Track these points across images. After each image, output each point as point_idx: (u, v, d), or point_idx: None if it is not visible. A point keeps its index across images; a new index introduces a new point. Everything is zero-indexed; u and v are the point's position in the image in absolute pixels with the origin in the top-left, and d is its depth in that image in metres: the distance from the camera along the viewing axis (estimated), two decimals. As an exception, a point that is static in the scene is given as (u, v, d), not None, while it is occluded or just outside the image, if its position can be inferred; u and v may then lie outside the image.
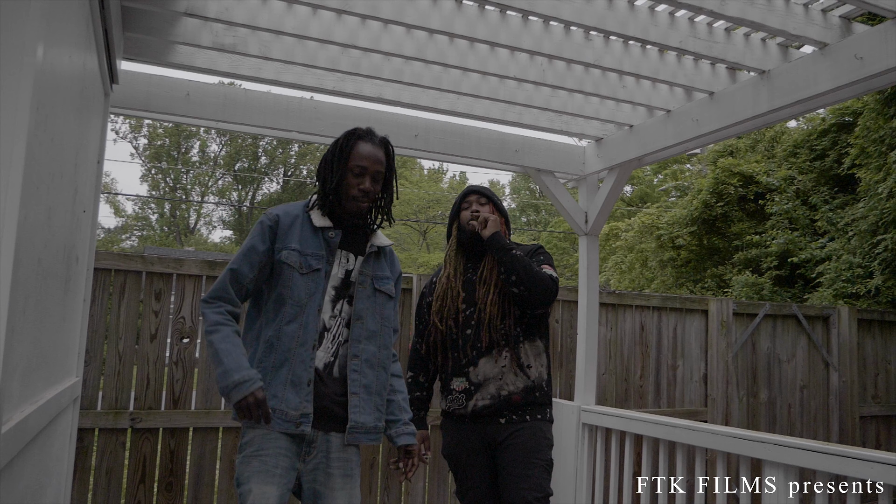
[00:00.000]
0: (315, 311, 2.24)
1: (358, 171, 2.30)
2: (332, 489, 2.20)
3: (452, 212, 2.97)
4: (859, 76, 2.75)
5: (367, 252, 2.38)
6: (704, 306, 5.70)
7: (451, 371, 2.78)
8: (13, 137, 1.22)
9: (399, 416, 2.44)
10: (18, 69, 1.24)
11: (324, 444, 2.22)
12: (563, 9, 2.77)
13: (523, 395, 2.71)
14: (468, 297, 2.79)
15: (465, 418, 2.76)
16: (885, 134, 9.24)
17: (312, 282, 2.25)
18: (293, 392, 2.17)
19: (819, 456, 2.78)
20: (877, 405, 6.40)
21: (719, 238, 13.06)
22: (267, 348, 2.20)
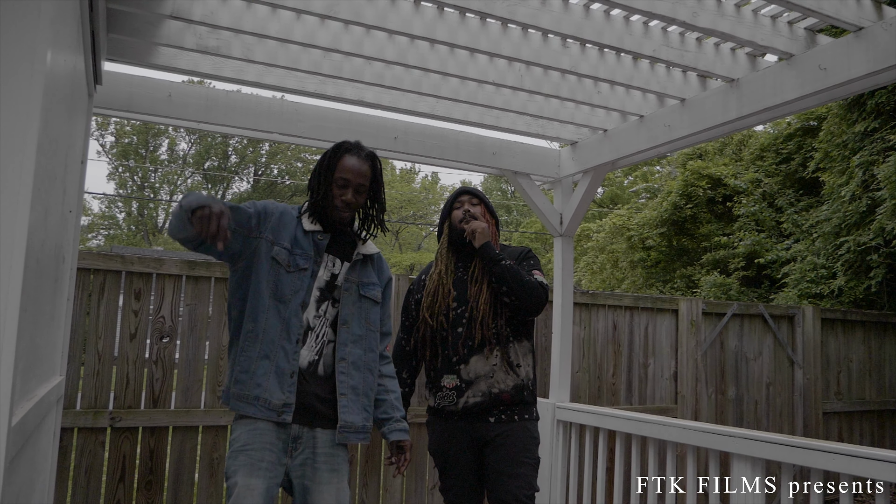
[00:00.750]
0: (298, 307, 2.31)
1: (342, 184, 2.40)
2: (320, 483, 2.27)
3: (444, 211, 3.04)
4: (823, 86, 2.89)
5: (354, 259, 2.46)
6: (675, 306, 5.85)
7: (442, 368, 2.81)
8: (25, 141, 1.27)
9: (392, 414, 2.53)
10: (30, 75, 1.29)
11: (310, 441, 2.29)
12: (541, 17, 2.86)
13: (513, 394, 2.77)
14: (459, 295, 2.84)
15: (455, 415, 2.80)
16: (848, 139, 9.51)
17: (298, 280, 2.32)
18: (276, 383, 2.24)
19: (784, 448, 2.90)
20: (839, 402, 6.61)
21: (688, 239, 13.31)
22: (251, 339, 2.27)
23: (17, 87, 1.26)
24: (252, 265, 2.32)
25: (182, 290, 4.13)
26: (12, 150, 1.25)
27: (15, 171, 1.25)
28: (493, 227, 2.96)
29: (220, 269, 4.23)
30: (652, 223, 13.73)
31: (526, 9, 2.83)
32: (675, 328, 5.84)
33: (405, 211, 39.35)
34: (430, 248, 39.22)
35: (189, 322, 4.15)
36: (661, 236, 13.48)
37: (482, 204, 2.99)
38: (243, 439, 2.22)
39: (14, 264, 1.25)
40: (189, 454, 4.06)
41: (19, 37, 1.27)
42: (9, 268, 1.25)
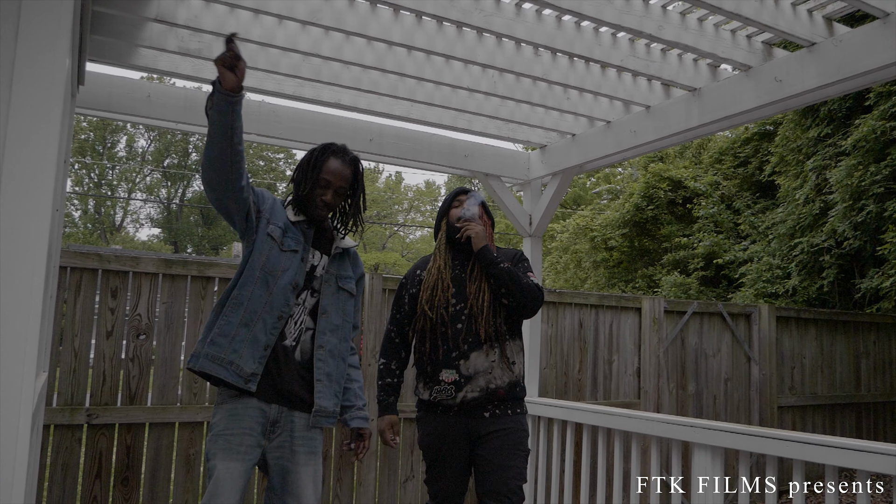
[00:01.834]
0: (286, 285, 2.41)
1: (324, 184, 2.51)
2: (298, 465, 2.40)
3: (442, 208, 3.11)
4: (778, 97, 3.08)
5: (333, 253, 2.58)
6: (638, 304, 6.05)
7: (440, 362, 2.86)
8: (48, 145, 1.36)
9: (354, 402, 2.67)
10: (51, 84, 1.37)
11: (288, 424, 2.41)
12: (516, 28, 3.00)
13: (507, 390, 2.86)
14: (458, 291, 2.91)
15: (452, 409, 2.86)
16: (803, 144, 9.88)
17: (288, 259, 2.44)
18: (250, 352, 2.34)
19: (742, 437, 3.08)
20: (793, 396, 6.89)
21: (649, 240, 13.63)
22: (234, 305, 2.36)
23: (43, 95, 1.35)
24: (254, 243, 2.43)
25: (158, 289, 4.18)
26: (41, 156, 1.33)
27: (43, 175, 1.33)
28: (489, 229, 3.04)
29: (196, 267, 4.29)
30: (614, 224, 14.02)
31: (502, 19, 2.96)
32: (638, 326, 6.04)
33: (369, 210, 39.30)
34: (393, 247, 39.26)
35: (165, 320, 4.20)
36: (624, 237, 13.77)
37: (480, 204, 3.07)
38: (223, 424, 2.33)
39: (36, 269, 1.33)
40: (165, 450, 4.11)
41: (45, 48, 1.35)
42: (31, 272, 1.33)
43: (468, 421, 2.85)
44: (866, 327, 7.65)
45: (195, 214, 44.22)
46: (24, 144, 1.33)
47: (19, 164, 1.32)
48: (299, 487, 2.39)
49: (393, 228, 42.84)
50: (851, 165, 8.51)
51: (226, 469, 2.27)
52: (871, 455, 2.58)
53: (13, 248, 1.31)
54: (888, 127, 8.11)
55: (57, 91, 1.38)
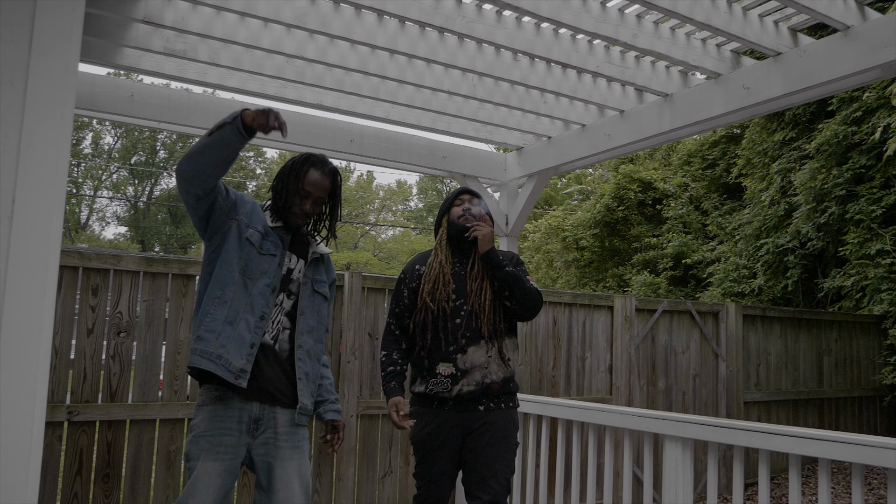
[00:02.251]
0: (265, 288, 2.49)
1: (304, 194, 2.59)
2: (283, 460, 2.47)
3: (444, 206, 3.16)
4: (746, 103, 3.22)
5: (310, 258, 2.67)
6: (610, 303, 6.19)
7: (438, 356, 2.94)
8: (60, 147, 1.42)
9: (327, 397, 2.77)
10: (64, 89, 1.44)
11: (271, 421, 2.48)
12: (497, 34, 3.10)
13: (501, 385, 2.95)
14: (458, 287, 2.98)
15: (447, 403, 2.94)
16: (769, 147, 10.15)
17: (267, 262, 2.52)
18: (237, 349, 2.41)
19: (711, 429, 3.22)
20: (758, 392, 7.10)
21: (620, 240, 13.85)
22: (217, 304, 2.43)
23: (57, 101, 1.41)
24: (223, 244, 2.48)
25: (140, 287, 4.20)
26: (55, 160, 1.40)
27: (55, 173, 1.40)
28: None
29: (177, 265, 4.32)
30: (585, 224, 14.21)
31: (483, 26, 3.06)
32: (610, 324, 6.19)
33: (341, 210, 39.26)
34: (365, 247, 39.21)
35: (146, 318, 4.23)
36: (595, 237, 13.97)
37: (481, 205, 3.12)
38: (204, 426, 2.40)
39: (50, 274, 1.40)
40: (146, 447, 4.13)
41: (58, 58, 1.42)
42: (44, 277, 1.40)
43: (462, 414, 2.92)
44: (828, 325, 7.90)
45: (163, 213, 43.71)
46: (38, 141, 1.40)
47: (35, 160, 1.39)
48: (285, 482, 2.45)
49: (365, 228, 42.79)
50: (815, 168, 8.78)
51: (204, 469, 2.33)
52: (831, 444, 2.73)
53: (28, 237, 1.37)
54: (850, 132, 8.38)
55: (70, 89, 1.45)
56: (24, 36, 1.41)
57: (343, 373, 4.77)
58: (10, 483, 1.35)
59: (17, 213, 1.37)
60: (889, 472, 2.65)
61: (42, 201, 1.40)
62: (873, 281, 7.89)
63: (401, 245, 36.40)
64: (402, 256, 33.88)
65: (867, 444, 2.65)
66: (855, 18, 2.90)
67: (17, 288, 1.36)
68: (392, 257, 35.19)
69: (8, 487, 1.35)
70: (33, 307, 1.38)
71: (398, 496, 4.93)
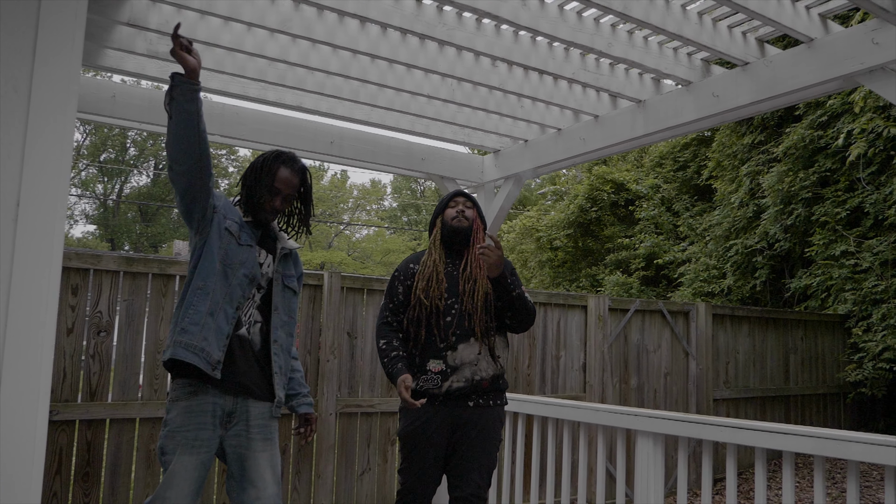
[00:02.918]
0: (243, 278, 2.55)
1: (274, 192, 2.66)
2: (255, 451, 2.54)
3: (438, 208, 3.24)
4: (716, 111, 3.35)
5: (280, 253, 2.73)
6: (584, 302, 6.32)
7: (428, 352, 3.01)
8: (63, 151, 1.48)
9: (300, 390, 2.86)
10: (66, 95, 1.49)
11: (244, 414, 2.54)
12: (476, 41, 3.19)
13: (491, 382, 3.03)
14: (450, 286, 3.06)
15: (437, 399, 3.00)
16: (738, 150, 10.37)
17: (245, 253, 2.58)
18: (216, 340, 2.47)
19: (681, 424, 3.34)
20: (727, 389, 7.28)
21: (593, 240, 14.04)
22: (200, 295, 2.48)
23: (61, 107, 1.47)
24: (207, 238, 2.54)
25: (119, 286, 4.22)
26: (57, 164, 1.45)
27: (58, 181, 1.46)
28: (481, 232, 3.18)
29: (157, 265, 4.34)
30: (559, 225, 14.38)
31: (463, 33, 3.15)
32: (584, 323, 6.32)
33: (315, 209, 39.00)
34: (340, 246, 39.09)
35: (126, 317, 4.25)
36: (568, 237, 14.14)
37: (475, 207, 3.21)
38: (179, 420, 2.45)
39: (53, 274, 1.45)
40: (126, 446, 4.16)
41: (62, 65, 1.47)
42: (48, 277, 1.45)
43: (451, 410, 2.99)
44: (795, 324, 8.12)
45: (133, 211, 43.14)
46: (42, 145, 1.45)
47: (39, 164, 1.44)
48: (258, 472, 2.53)
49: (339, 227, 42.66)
50: (782, 171, 9.01)
51: (180, 463, 2.39)
52: (795, 437, 2.86)
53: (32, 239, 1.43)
54: (816, 136, 8.62)
55: (72, 95, 1.50)
56: (27, 44, 1.46)
57: (322, 371, 4.82)
58: (13, 482, 1.40)
59: (22, 216, 1.42)
60: (849, 463, 2.79)
61: (45, 204, 1.45)
62: (837, 281, 8.12)
63: (375, 244, 36.34)
64: (376, 256, 33.86)
65: (828, 437, 2.78)
66: (818, 31, 3.03)
67: (22, 287, 1.41)
68: (366, 257, 35.14)
69: (11, 486, 1.39)
70: (38, 306, 1.43)
71: (376, 493, 5.00)
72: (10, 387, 1.39)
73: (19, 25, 1.45)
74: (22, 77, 1.45)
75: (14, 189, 1.42)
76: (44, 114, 1.46)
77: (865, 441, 2.67)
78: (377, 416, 5.05)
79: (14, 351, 1.40)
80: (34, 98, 1.45)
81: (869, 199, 7.96)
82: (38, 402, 1.42)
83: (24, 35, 1.46)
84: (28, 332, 1.42)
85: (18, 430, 1.41)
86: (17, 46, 1.45)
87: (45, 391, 1.45)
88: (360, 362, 5.03)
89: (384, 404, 5.03)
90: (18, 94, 1.44)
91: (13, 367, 1.40)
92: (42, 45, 1.47)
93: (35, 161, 1.44)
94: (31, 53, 1.46)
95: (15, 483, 1.41)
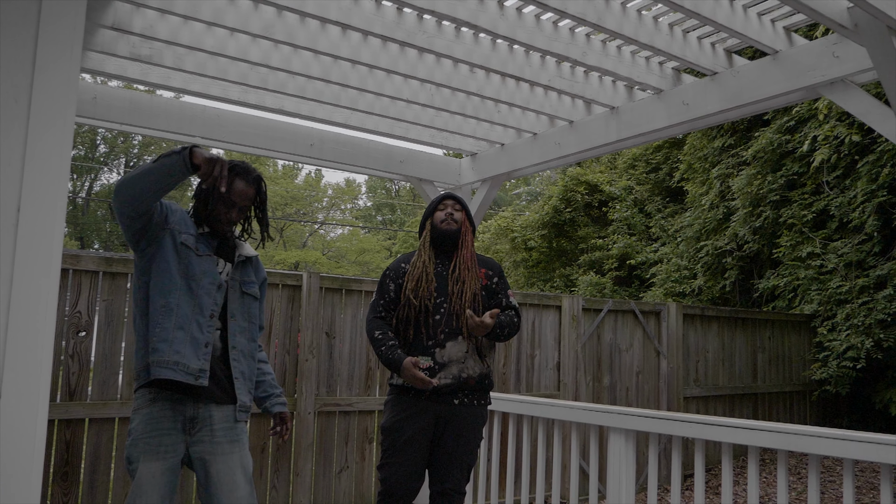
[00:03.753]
0: (209, 286, 2.60)
1: (229, 204, 2.70)
2: (224, 454, 2.57)
3: (428, 210, 3.31)
4: (686, 118, 3.47)
5: (237, 261, 2.79)
6: (558, 302, 6.44)
7: (419, 350, 3.08)
8: (61, 158, 1.54)
9: (271, 391, 2.92)
10: (65, 103, 1.55)
11: (206, 419, 2.58)
12: (455, 48, 3.28)
13: (477, 380, 3.12)
14: (439, 286, 3.14)
15: (424, 394, 3.07)
16: (709, 153, 10.59)
17: (206, 263, 2.62)
18: (192, 351, 2.52)
19: (652, 421, 3.46)
20: (697, 387, 7.46)
21: (567, 241, 14.20)
22: (164, 313, 2.52)
23: (61, 112, 1.53)
24: (158, 252, 2.57)
25: (99, 286, 4.24)
26: (56, 170, 1.51)
27: (57, 187, 1.51)
28: (469, 234, 3.25)
29: (136, 265, 4.37)
30: (534, 225, 14.53)
31: (442, 41, 3.23)
32: (558, 323, 6.44)
33: (289, 208, 38.86)
34: (314, 245, 38.96)
35: (106, 317, 4.27)
36: (543, 238, 14.28)
37: (464, 210, 3.29)
38: (141, 428, 2.49)
39: (52, 277, 1.51)
40: (105, 445, 4.18)
41: (60, 75, 1.53)
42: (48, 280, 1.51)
43: (437, 406, 3.07)
44: (763, 324, 8.33)
45: (103, 209, 42.59)
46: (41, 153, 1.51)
47: (38, 171, 1.50)
48: (228, 475, 2.57)
49: (313, 226, 42.51)
50: (751, 174, 9.23)
51: (147, 469, 2.43)
52: (759, 432, 2.99)
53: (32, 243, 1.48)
54: (783, 140, 8.84)
55: (70, 103, 1.56)
56: (28, 55, 1.51)
57: (301, 371, 4.88)
58: (12, 482, 1.45)
59: (22, 222, 1.48)
60: (811, 457, 2.92)
61: (44, 210, 1.50)
62: (804, 282, 8.34)
63: (350, 244, 36.26)
64: (351, 255, 33.78)
65: (790, 432, 2.91)
66: (783, 44, 3.16)
67: (23, 290, 1.47)
68: (341, 256, 35.04)
69: (10, 486, 1.45)
70: (37, 308, 1.48)
71: (354, 490, 5.07)
72: (11, 387, 1.45)
73: (20, 37, 1.50)
74: (22, 87, 1.50)
75: (15, 195, 1.48)
76: (43, 121, 1.52)
77: (826, 436, 2.80)
78: (355, 414, 5.12)
79: (15, 352, 1.45)
80: (34, 106, 1.51)
81: (834, 203, 8.20)
82: (39, 402, 1.48)
83: (24, 46, 1.51)
84: (28, 333, 1.47)
85: (19, 430, 1.47)
86: (18, 57, 1.50)
87: (45, 391, 1.51)
88: (338, 362, 5.09)
89: (362, 403, 5.10)
90: (19, 104, 1.50)
91: (14, 367, 1.45)
92: (42, 56, 1.53)
93: (35, 167, 1.50)
94: (30, 64, 1.52)
95: (13, 483, 1.46)
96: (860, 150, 7.83)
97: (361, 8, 3.02)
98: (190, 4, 3.00)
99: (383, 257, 32.65)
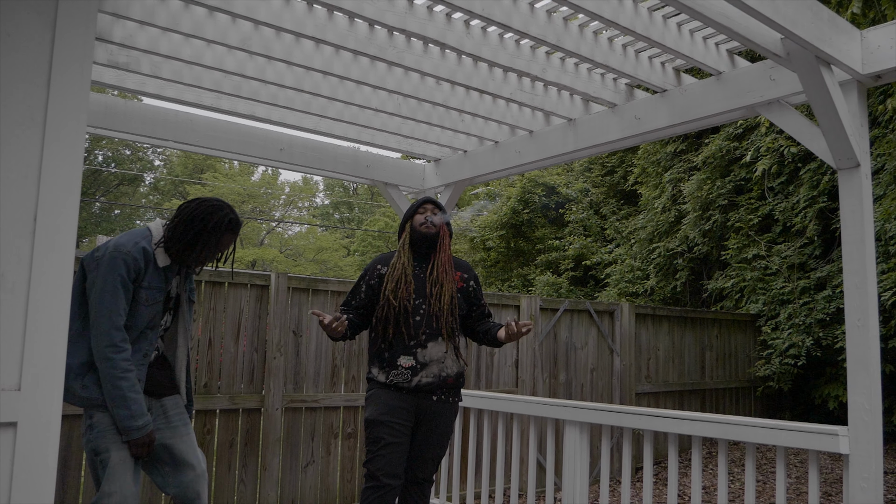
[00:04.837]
0: (151, 333, 2.79)
1: (213, 253, 2.89)
2: (183, 435, 2.86)
3: (407, 213, 3.44)
4: (637, 131, 3.72)
5: (185, 271, 2.97)
6: (517, 302, 6.69)
7: (401, 350, 3.23)
8: (74, 170, 1.69)
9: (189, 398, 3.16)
10: (77, 119, 1.70)
11: (160, 408, 2.84)
12: (424, 63, 3.47)
13: (455, 379, 3.30)
14: (418, 288, 3.28)
15: (406, 391, 3.22)
16: (662, 157, 10.97)
17: (153, 309, 2.78)
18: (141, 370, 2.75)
19: (605, 413, 3.71)
20: (648, 384, 7.79)
21: (525, 241, 14.51)
22: None
23: (71, 129, 1.68)
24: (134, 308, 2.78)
25: (70, 286, 4.32)
26: (69, 182, 1.66)
27: (70, 198, 1.66)
28: (447, 238, 3.39)
29: (108, 265, 4.46)
30: (492, 226, 14.80)
31: (412, 55, 3.42)
32: (516, 322, 6.68)
33: (246, 206, 38.51)
34: (272, 244, 38.69)
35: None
36: (501, 238, 14.57)
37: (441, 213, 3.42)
38: (107, 420, 2.64)
39: (65, 280, 1.66)
40: (76, 441, 4.26)
41: (73, 94, 1.68)
42: (62, 282, 1.66)
43: (418, 400, 3.23)
44: (711, 323, 8.72)
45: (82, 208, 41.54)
46: (55, 166, 1.66)
47: (53, 184, 1.65)
48: (191, 452, 2.85)
49: (270, 224, 42.20)
50: (701, 179, 9.62)
51: (118, 457, 2.62)
52: (702, 423, 3.26)
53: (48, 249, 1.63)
54: (731, 147, 9.24)
55: (81, 118, 1.71)
56: (43, 78, 1.66)
57: (269, 368, 5.02)
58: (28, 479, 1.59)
59: (39, 230, 1.62)
60: (747, 445, 3.20)
61: (58, 218, 1.65)
62: (750, 283, 8.76)
63: (307, 242, 36.13)
64: (308, 254, 33.68)
65: (730, 422, 3.18)
66: (726, 65, 3.43)
67: (39, 294, 1.61)
68: (299, 254, 34.90)
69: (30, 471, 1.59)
70: (53, 310, 1.63)
71: (319, 484, 5.23)
72: (30, 386, 1.59)
73: (38, 63, 1.65)
74: (38, 107, 1.65)
75: (31, 206, 1.62)
76: (57, 136, 1.66)
77: (760, 426, 3.08)
78: (321, 410, 5.27)
79: (33, 348, 1.60)
80: (49, 123, 1.66)
81: (778, 207, 8.62)
82: (54, 394, 1.63)
83: (40, 72, 1.66)
84: (46, 331, 1.62)
85: (37, 419, 1.62)
86: (34, 80, 1.65)
87: (59, 385, 1.65)
88: (305, 359, 5.24)
89: (328, 399, 5.27)
90: (35, 123, 1.64)
91: (33, 362, 1.60)
92: (56, 78, 1.67)
93: (49, 180, 1.65)
94: (45, 87, 1.66)
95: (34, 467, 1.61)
96: (802, 159, 8.26)
97: (335, 24, 3.19)
98: (170, 17, 3.13)
99: (341, 255, 32.65)
